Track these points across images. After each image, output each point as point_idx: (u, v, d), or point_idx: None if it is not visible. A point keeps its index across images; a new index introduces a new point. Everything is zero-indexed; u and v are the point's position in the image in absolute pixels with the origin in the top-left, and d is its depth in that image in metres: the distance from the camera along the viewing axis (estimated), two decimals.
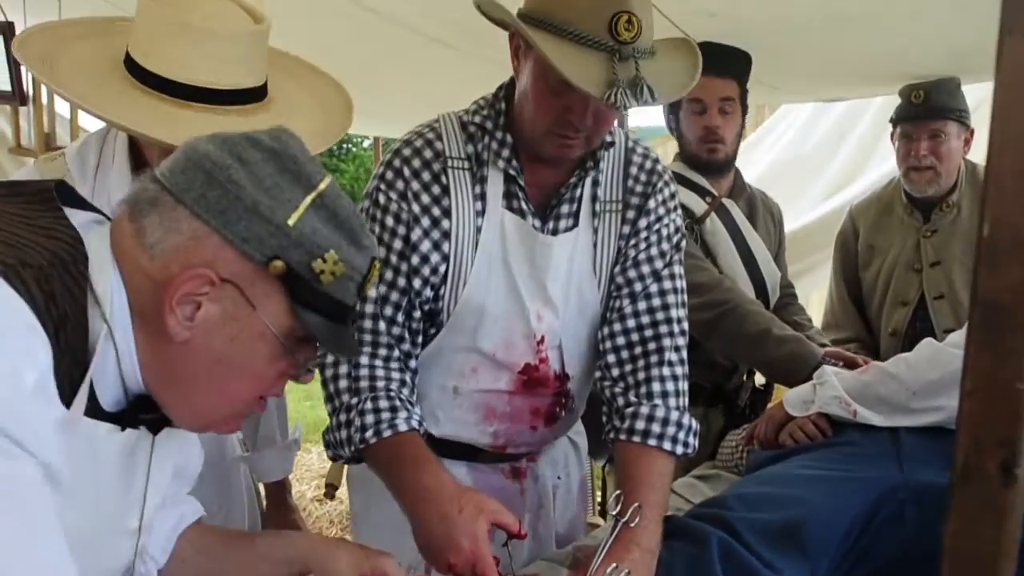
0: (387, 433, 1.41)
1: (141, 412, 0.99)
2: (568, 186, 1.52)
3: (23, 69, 2.67)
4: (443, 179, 1.49)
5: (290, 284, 0.94)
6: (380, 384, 1.46)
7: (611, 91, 1.28)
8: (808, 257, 4.06)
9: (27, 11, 2.69)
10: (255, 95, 1.43)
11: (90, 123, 3.34)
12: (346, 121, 1.54)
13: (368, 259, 1.00)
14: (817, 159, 4.33)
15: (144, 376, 0.95)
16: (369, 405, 1.43)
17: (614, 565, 1.32)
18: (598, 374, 1.59)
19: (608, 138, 1.53)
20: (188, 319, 0.92)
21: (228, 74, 1.37)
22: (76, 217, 0.96)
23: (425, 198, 1.48)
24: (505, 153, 1.49)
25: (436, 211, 1.48)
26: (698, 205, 2.38)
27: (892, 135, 2.68)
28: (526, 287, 1.52)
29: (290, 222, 0.93)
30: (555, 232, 1.53)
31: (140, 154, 1.51)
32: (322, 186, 0.96)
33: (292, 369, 1.02)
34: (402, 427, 1.42)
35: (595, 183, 1.56)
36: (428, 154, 1.50)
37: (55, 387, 0.84)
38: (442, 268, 1.49)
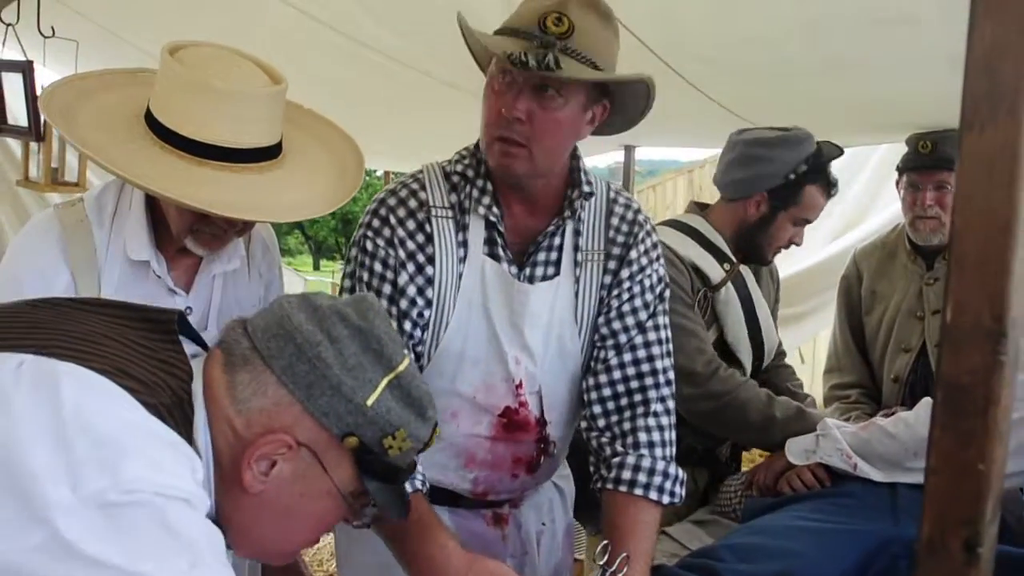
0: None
1: None
2: (546, 234, 1.55)
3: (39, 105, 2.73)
4: (427, 227, 1.52)
5: (360, 455, 1.02)
6: None
7: (514, 53, 1.35)
8: (814, 299, 4.08)
9: (47, 50, 2.75)
10: (271, 153, 1.47)
11: None
12: (358, 178, 1.58)
13: (431, 429, 1.07)
14: None
15: (213, 512, 1.01)
16: None
17: None
18: (584, 424, 1.60)
19: (587, 188, 1.55)
20: (263, 474, 0.99)
21: (246, 133, 1.41)
22: (187, 348, 1.04)
23: (410, 245, 1.51)
24: (485, 200, 1.52)
25: (421, 257, 1.51)
26: (715, 272, 2.26)
27: (898, 183, 2.69)
28: (504, 332, 1.54)
29: (368, 402, 1.00)
30: (532, 279, 1.55)
31: (157, 203, 1.54)
32: (400, 368, 1.03)
33: (352, 517, 1.10)
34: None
35: (576, 232, 1.58)
36: (413, 203, 1.53)
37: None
38: (427, 313, 1.52)
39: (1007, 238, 0.59)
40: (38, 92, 2.72)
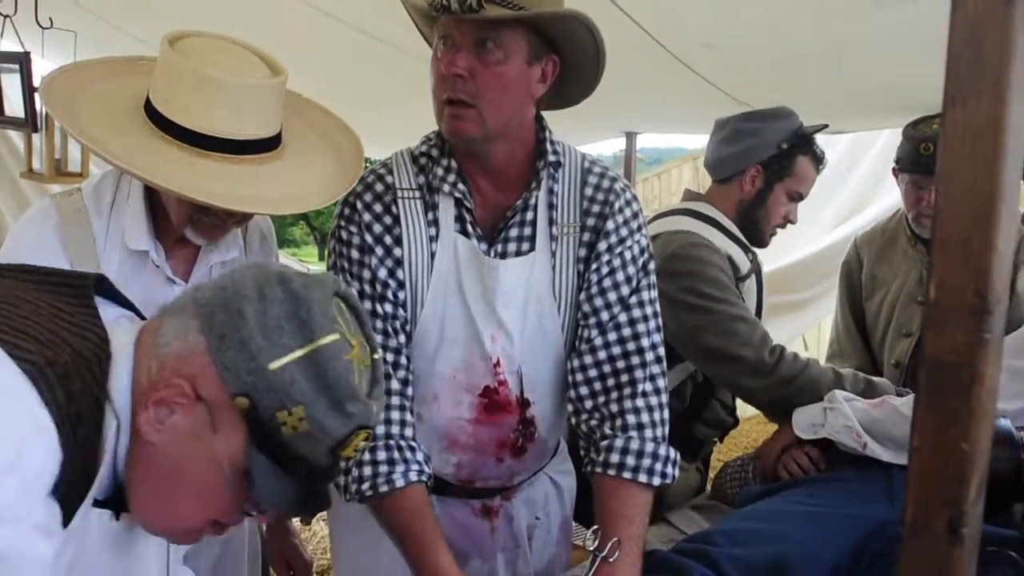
0: (384, 489, 1.42)
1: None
2: (515, 208, 1.52)
3: (37, 96, 2.73)
4: (393, 209, 1.52)
5: (252, 424, 0.95)
6: (380, 430, 1.45)
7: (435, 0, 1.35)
8: (816, 286, 4.07)
9: (45, 42, 2.75)
10: (270, 144, 1.46)
11: None
12: (357, 169, 1.56)
13: (349, 427, 0.98)
14: (825, 188, 4.34)
15: (122, 470, 0.98)
16: (367, 456, 1.44)
17: None
18: (571, 407, 1.57)
19: (552, 157, 1.52)
20: (159, 422, 0.95)
21: (246, 124, 1.40)
22: (108, 311, 1.01)
23: (377, 228, 1.51)
24: (451, 178, 1.51)
25: (388, 239, 1.51)
26: (743, 262, 2.24)
27: (895, 173, 2.66)
28: (478, 310, 1.52)
29: (271, 366, 0.94)
30: (504, 255, 1.53)
31: (156, 193, 1.54)
32: (322, 342, 0.96)
33: (244, 504, 1.02)
34: (399, 482, 1.43)
35: (550, 206, 1.54)
36: (379, 187, 1.53)
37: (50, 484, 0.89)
38: (401, 294, 1.52)
39: (990, 215, 0.58)
40: (36, 83, 2.72)
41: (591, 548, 1.41)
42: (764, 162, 2.22)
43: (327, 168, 1.55)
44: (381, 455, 1.43)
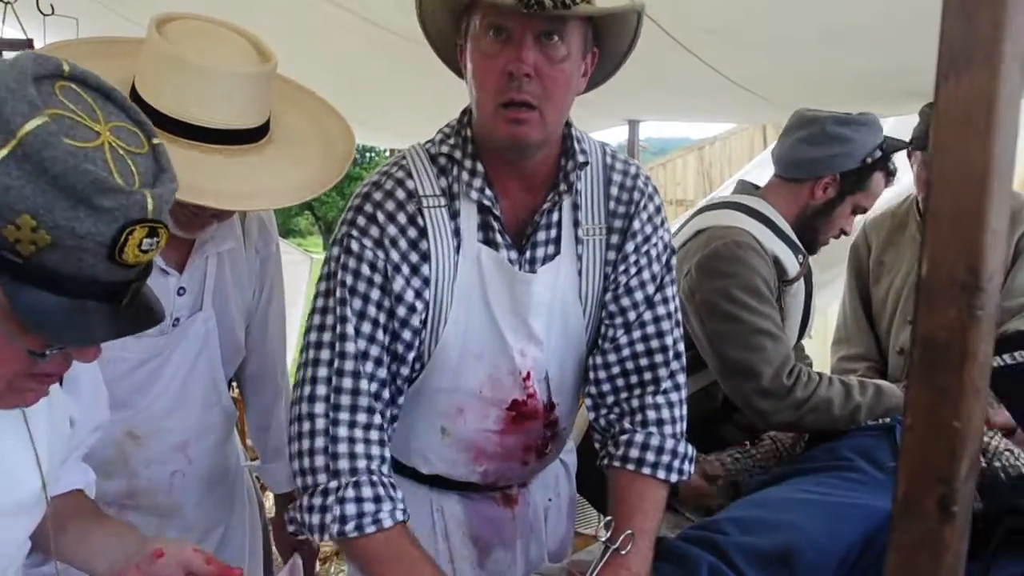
0: (370, 529, 1.32)
1: None
2: (543, 212, 1.43)
3: None
4: (419, 221, 1.38)
5: None
6: (361, 465, 1.34)
7: None
8: (827, 271, 4.05)
9: (47, 28, 2.75)
10: (247, 136, 1.41)
11: None
12: (343, 165, 1.52)
13: (112, 225, 0.83)
14: None
15: None
16: (351, 492, 1.32)
17: None
18: (589, 401, 1.56)
19: (581, 157, 1.43)
20: None
21: (219, 113, 1.36)
22: None
23: (403, 243, 1.38)
24: (477, 183, 1.40)
25: (415, 257, 1.39)
26: (792, 265, 2.13)
27: (909, 155, 2.63)
28: (508, 325, 1.45)
29: None
30: (532, 262, 1.45)
31: None
32: (25, 130, 0.79)
33: (32, 343, 0.90)
34: (387, 522, 1.33)
35: (575, 207, 1.47)
36: (401, 194, 1.39)
37: None
38: (422, 317, 1.41)
39: (983, 190, 0.57)
40: None
41: (603, 540, 1.40)
42: (844, 173, 2.15)
43: (310, 165, 1.51)
44: (367, 492, 1.33)
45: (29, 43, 2.70)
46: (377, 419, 1.37)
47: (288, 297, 1.99)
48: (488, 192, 1.40)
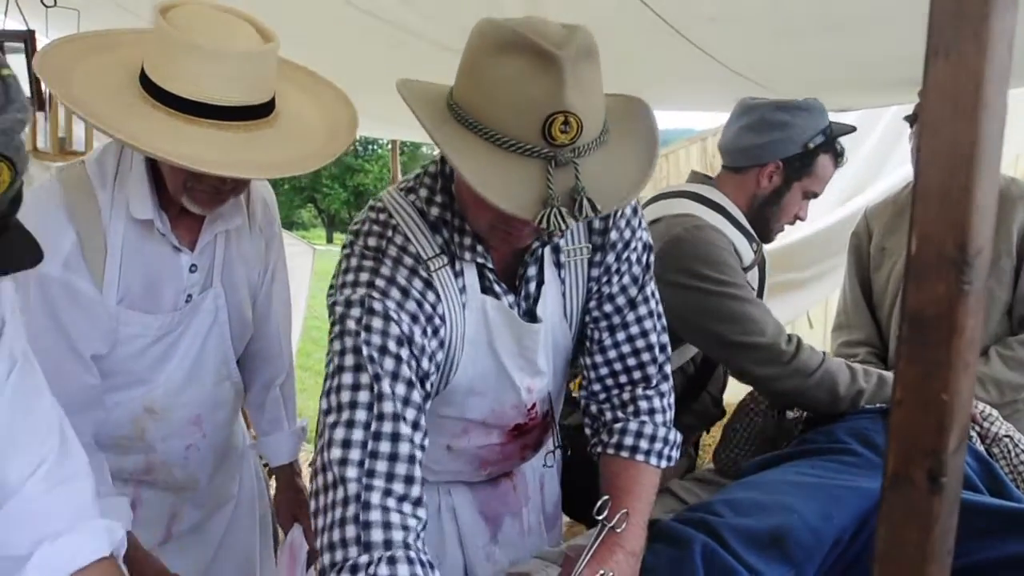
0: None
1: None
2: (531, 251, 1.45)
3: None
4: (434, 284, 1.37)
5: None
6: (398, 537, 1.20)
7: (544, 212, 1.12)
8: (822, 263, 4.07)
9: (48, 20, 2.75)
10: (260, 112, 1.47)
11: None
12: (349, 137, 1.57)
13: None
14: None
15: None
16: (385, 570, 1.16)
17: (600, 571, 1.34)
18: (583, 393, 1.61)
19: None
20: None
21: (233, 91, 1.42)
22: None
23: (427, 307, 1.35)
24: (468, 242, 1.39)
25: (437, 320, 1.37)
26: (747, 253, 2.16)
27: (912, 135, 2.62)
28: (515, 366, 1.49)
29: None
30: (527, 299, 1.47)
31: (157, 164, 1.57)
32: None
33: None
34: None
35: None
36: (408, 261, 1.36)
37: None
38: (434, 378, 1.39)
39: (971, 166, 0.58)
40: None
41: (599, 518, 1.43)
42: (787, 159, 2.15)
43: (318, 138, 1.56)
44: (403, 570, 1.17)
45: (30, 34, 2.71)
46: (415, 490, 1.26)
47: (292, 288, 2.02)
48: (480, 248, 1.40)
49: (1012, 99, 0.67)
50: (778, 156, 2.15)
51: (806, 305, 4.36)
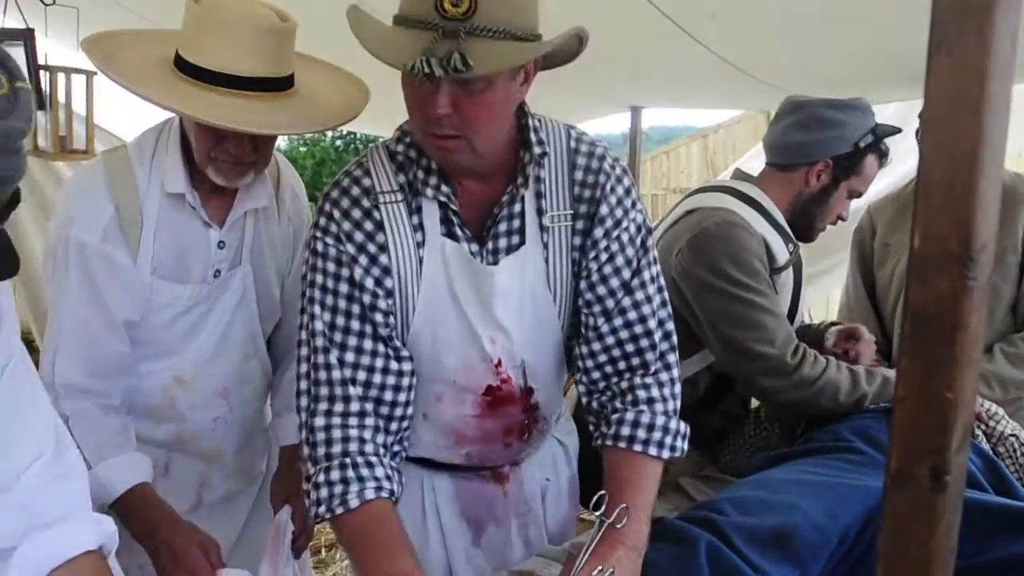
0: (339, 510, 1.37)
1: None
2: (501, 204, 1.45)
3: (42, 74, 2.76)
4: (375, 215, 1.43)
5: None
6: (336, 449, 1.41)
7: (416, 60, 1.21)
8: (824, 260, 4.05)
9: (48, 18, 2.75)
10: (280, 84, 1.62)
11: (106, 123, 3.45)
12: (362, 104, 1.72)
13: None
14: None
15: None
16: (321, 477, 1.40)
17: (599, 567, 1.33)
18: (582, 388, 1.57)
19: (538, 149, 1.44)
20: None
21: (253, 63, 1.56)
22: None
23: (359, 236, 1.43)
24: (433, 181, 1.43)
25: (372, 248, 1.43)
26: (782, 252, 2.09)
27: (918, 132, 2.60)
28: (475, 314, 1.48)
29: None
30: (495, 253, 1.47)
31: (189, 144, 1.69)
32: None
33: None
34: (353, 503, 1.37)
35: (539, 195, 1.47)
36: (356, 191, 1.44)
37: None
38: (389, 302, 1.46)
39: (973, 162, 0.58)
40: (40, 60, 2.74)
41: (598, 514, 1.40)
42: (836, 157, 2.11)
43: (335, 106, 1.70)
44: (335, 475, 1.39)
45: (30, 33, 2.71)
46: (355, 406, 1.43)
47: None
48: (444, 188, 1.43)
49: (1016, 95, 0.67)
50: (829, 154, 2.12)
51: (808, 302, 4.36)
